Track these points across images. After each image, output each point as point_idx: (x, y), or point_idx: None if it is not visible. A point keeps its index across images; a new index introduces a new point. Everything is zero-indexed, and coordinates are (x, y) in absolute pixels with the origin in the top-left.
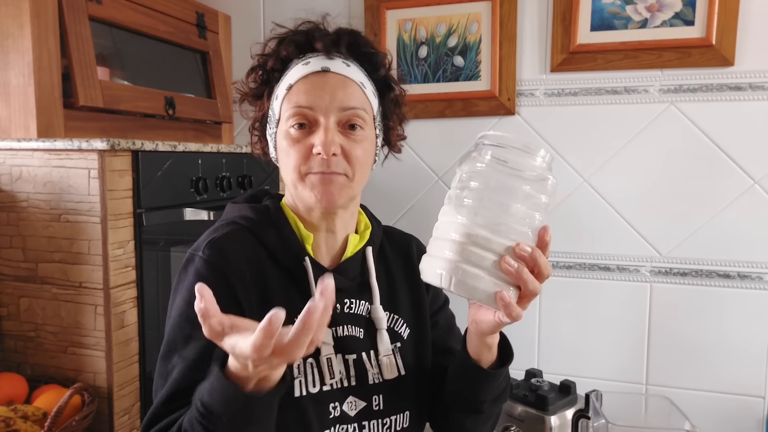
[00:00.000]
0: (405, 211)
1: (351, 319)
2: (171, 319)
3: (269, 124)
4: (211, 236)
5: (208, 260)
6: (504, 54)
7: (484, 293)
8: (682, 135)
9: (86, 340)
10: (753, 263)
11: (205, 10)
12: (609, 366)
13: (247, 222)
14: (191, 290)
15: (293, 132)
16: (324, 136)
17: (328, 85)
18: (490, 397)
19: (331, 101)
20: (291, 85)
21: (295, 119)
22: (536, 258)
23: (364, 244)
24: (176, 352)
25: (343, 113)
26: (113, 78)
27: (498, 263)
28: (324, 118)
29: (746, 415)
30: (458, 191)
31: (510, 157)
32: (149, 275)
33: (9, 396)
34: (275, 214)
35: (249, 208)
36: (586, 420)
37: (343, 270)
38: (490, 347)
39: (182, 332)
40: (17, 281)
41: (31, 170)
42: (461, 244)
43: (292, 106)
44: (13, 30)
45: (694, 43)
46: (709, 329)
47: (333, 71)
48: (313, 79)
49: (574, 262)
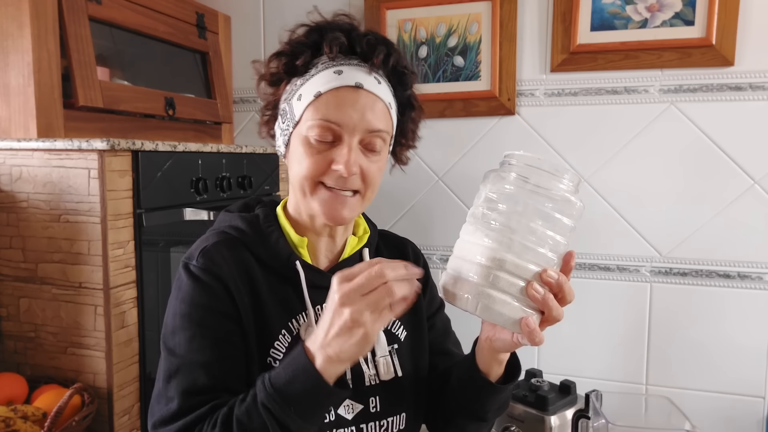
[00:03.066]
0: (405, 211)
1: None
2: (173, 320)
3: (282, 118)
4: (202, 245)
5: (203, 267)
6: (504, 54)
7: (510, 319)
8: (682, 135)
9: (86, 341)
10: (753, 263)
11: (205, 10)
12: (609, 366)
13: (236, 232)
14: (192, 293)
15: (314, 143)
16: (348, 156)
17: (359, 103)
18: (494, 408)
19: (359, 121)
20: (320, 93)
21: (320, 131)
22: (562, 284)
23: (361, 246)
24: (181, 352)
25: (367, 134)
26: (113, 78)
27: (524, 289)
28: (349, 136)
29: (746, 415)
30: (485, 211)
31: (537, 179)
32: (149, 275)
33: (9, 396)
34: (264, 222)
35: (239, 218)
36: (586, 420)
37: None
38: (501, 363)
39: (185, 332)
40: (17, 282)
41: (31, 170)
42: (488, 268)
43: (320, 118)
44: (13, 30)
45: (694, 43)
46: (709, 329)
47: (366, 89)
48: (344, 94)
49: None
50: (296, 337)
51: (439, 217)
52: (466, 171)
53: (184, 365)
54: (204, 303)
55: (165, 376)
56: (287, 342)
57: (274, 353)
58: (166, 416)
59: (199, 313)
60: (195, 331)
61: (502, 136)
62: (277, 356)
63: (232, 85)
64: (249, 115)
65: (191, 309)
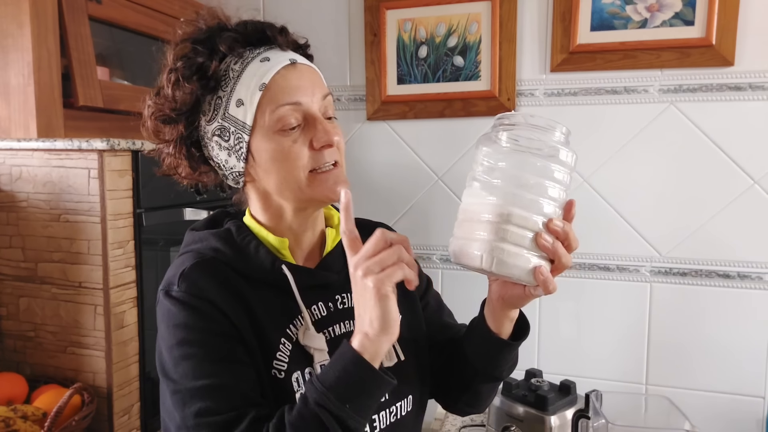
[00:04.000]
0: (405, 211)
1: (347, 315)
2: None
3: (224, 137)
4: (179, 270)
5: (188, 291)
6: (504, 54)
7: (524, 270)
8: (682, 135)
9: (86, 340)
10: (753, 263)
11: None
12: (609, 366)
13: (212, 251)
14: (185, 319)
15: (288, 133)
16: (324, 127)
17: (304, 77)
18: (508, 365)
19: (313, 92)
20: (265, 83)
21: (288, 116)
22: (567, 232)
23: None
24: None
25: (322, 103)
26: (113, 78)
27: (534, 240)
28: (313, 111)
29: (746, 415)
30: (484, 171)
31: (531, 134)
32: (149, 275)
33: (9, 396)
34: (238, 235)
35: (211, 236)
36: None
37: (328, 265)
38: (512, 320)
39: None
40: (17, 281)
41: (30, 170)
42: (497, 224)
43: (278, 106)
44: (12, 30)
45: (694, 43)
46: (709, 329)
47: (300, 62)
48: (285, 73)
49: (574, 262)
50: (296, 343)
51: (439, 217)
52: (466, 171)
53: (198, 391)
54: (200, 326)
55: (180, 407)
56: (288, 350)
57: (277, 365)
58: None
59: (198, 338)
60: (200, 355)
61: None
62: (281, 366)
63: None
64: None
65: (189, 335)
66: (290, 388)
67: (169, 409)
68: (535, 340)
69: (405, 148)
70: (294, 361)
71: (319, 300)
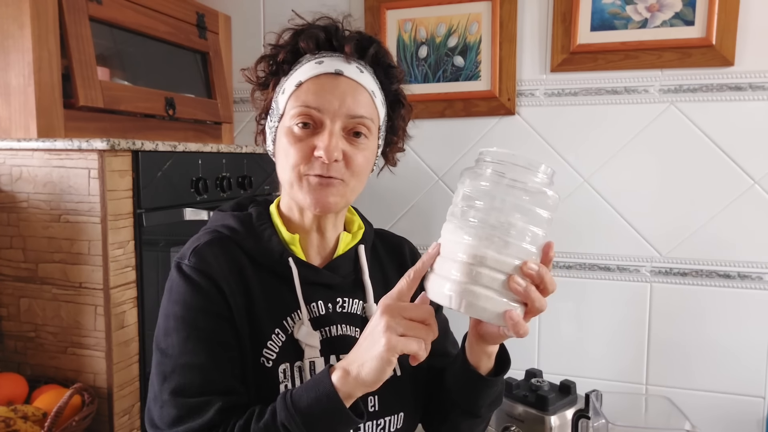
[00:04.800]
0: (405, 211)
1: (346, 319)
2: (165, 321)
3: (270, 117)
4: (194, 244)
5: (196, 267)
6: (504, 54)
7: (494, 313)
8: (682, 135)
9: (86, 341)
10: (753, 263)
11: (205, 10)
12: (609, 366)
13: (228, 230)
14: (185, 294)
15: (296, 130)
16: (328, 141)
17: (339, 89)
18: (486, 402)
19: (339, 106)
20: (301, 82)
21: (300, 118)
22: (543, 275)
23: (356, 243)
24: (174, 355)
25: (349, 120)
26: (113, 78)
27: (506, 282)
28: (330, 121)
29: (746, 415)
30: (463, 209)
31: (513, 174)
32: (149, 275)
33: (9, 396)
34: (257, 220)
35: (231, 217)
36: (586, 420)
37: (335, 267)
38: (490, 356)
39: (179, 333)
40: (17, 281)
41: (31, 170)
42: (470, 265)
43: (299, 104)
44: (13, 30)
45: (694, 43)
46: (710, 329)
47: (346, 75)
48: (324, 80)
49: (574, 262)
50: (290, 336)
51: (439, 217)
52: None
53: (179, 367)
54: (197, 304)
55: (160, 379)
56: (281, 341)
57: (267, 353)
58: (166, 420)
59: (192, 315)
60: (189, 333)
61: (502, 136)
62: (270, 356)
63: (232, 85)
64: (249, 115)
65: (184, 311)
66: (275, 379)
67: (151, 377)
68: (535, 340)
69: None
70: (284, 352)
71: (320, 299)
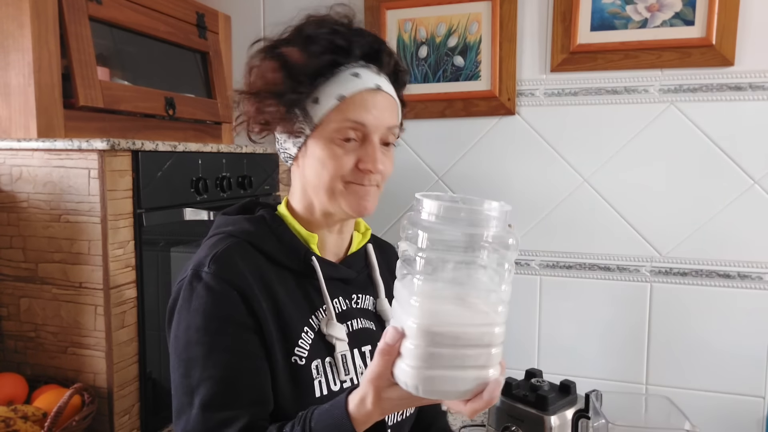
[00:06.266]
0: (405, 211)
1: (362, 314)
2: (186, 333)
3: (290, 122)
4: (212, 251)
5: (217, 274)
6: (504, 54)
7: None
8: (682, 135)
9: (86, 341)
10: (753, 263)
11: (205, 10)
12: (609, 366)
13: (245, 234)
14: (206, 304)
15: (342, 144)
16: (375, 155)
17: (380, 104)
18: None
19: (381, 121)
20: (344, 96)
21: (349, 133)
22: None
23: (365, 242)
24: (199, 367)
25: (385, 131)
26: (113, 78)
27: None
28: (372, 135)
29: (746, 415)
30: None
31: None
32: (149, 275)
33: (9, 396)
34: (272, 222)
35: (245, 220)
36: (586, 420)
37: (350, 263)
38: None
39: (203, 347)
40: (17, 281)
41: (31, 170)
42: (421, 347)
43: (347, 119)
44: (13, 30)
45: (694, 43)
46: (709, 329)
47: (383, 90)
48: (366, 96)
49: (574, 262)
50: (318, 332)
51: None
52: (466, 171)
53: (205, 380)
54: (220, 314)
55: (187, 392)
56: (310, 339)
57: (298, 351)
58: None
59: (215, 325)
60: (213, 344)
61: (502, 136)
62: (302, 354)
63: (233, 85)
64: None
65: (206, 321)
66: (309, 376)
67: (175, 389)
68: (535, 340)
69: (405, 148)
70: (315, 349)
71: (340, 294)
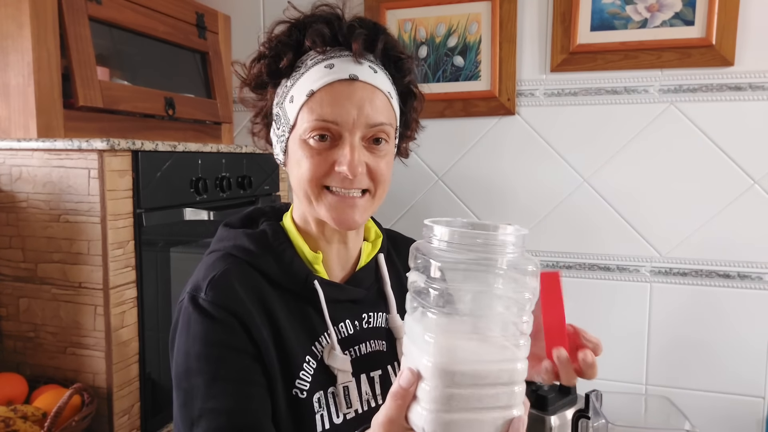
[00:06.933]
0: (405, 211)
1: (373, 334)
2: (186, 360)
3: (277, 124)
4: (209, 274)
5: (214, 302)
6: (504, 54)
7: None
8: (682, 135)
9: (86, 341)
10: (753, 263)
11: (205, 10)
12: (609, 366)
13: (243, 253)
14: (205, 331)
15: (313, 144)
16: (350, 156)
17: (356, 97)
18: None
19: (358, 116)
20: (313, 91)
21: (317, 132)
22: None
23: (376, 252)
24: (200, 397)
25: (369, 129)
26: (113, 78)
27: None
28: (349, 134)
29: (746, 415)
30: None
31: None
32: (149, 275)
33: (9, 396)
34: (274, 239)
35: (245, 236)
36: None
37: (358, 280)
38: None
39: (203, 375)
40: (17, 281)
41: (30, 170)
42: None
43: (315, 118)
44: (12, 30)
45: (694, 43)
46: (709, 329)
47: (361, 80)
48: (338, 88)
49: (574, 262)
50: (320, 361)
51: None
52: (466, 171)
53: (207, 412)
54: (220, 341)
55: (187, 423)
56: (312, 369)
57: (300, 384)
58: None
59: (215, 353)
60: (213, 373)
61: (502, 136)
62: (303, 386)
63: (232, 85)
64: (249, 115)
65: (206, 349)
66: (311, 409)
67: (175, 417)
68: None
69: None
70: (317, 380)
71: (347, 317)
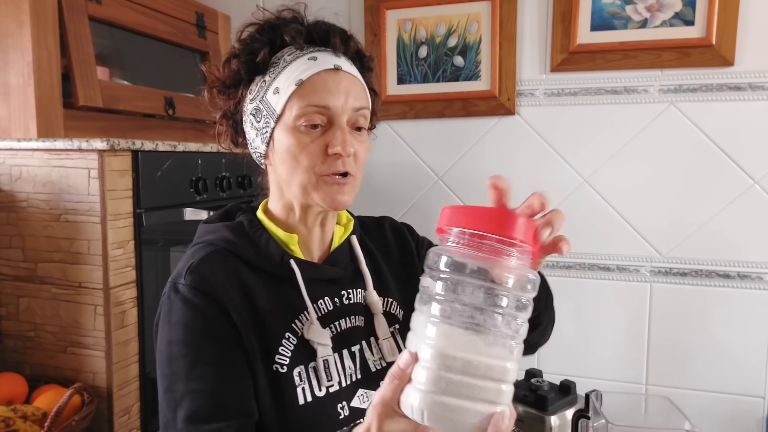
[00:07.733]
0: (405, 211)
1: (352, 310)
2: (167, 347)
3: (256, 118)
4: (189, 262)
5: (193, 286)
6: (504, 54)
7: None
8: (681, 135)
9: (86, 340)
10: (753, 263)
11: (205, 10)
12: (609, 366)
13: (223, 242)
14: (185, 317)
15: (305, 131)
16: (343, 137)
17: (342, 84)
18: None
19: (345, 101)
20: (302, 80)
21: (310, 117)
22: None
23: (348, 234)
24: (182, 380)
25: (353, 114)
26: (113, 78)
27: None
28: (338, 118)
29: (746, 415)
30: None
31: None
32: (149, 275)
33: (9, 396)
34: (250, 227)
35: (224, 228)
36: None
37: (334, 260)
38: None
39: (185, 359)
40: (17, 281)
41: (30, 170)
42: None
43: (306, 105)
44: (12, 30)
45: (694, 43)
46: (709, 329)
47: (344, 70)
48: (326, 77)
49: (574, 262)
50: (301, 337)
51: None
52: (466, 171)
53: (189, 394)
54: (199, 326)
55: (171, 406)
56: (292, 345)
57: (279, 359)
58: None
59: (196, 338)
60: (194, 357)
61: (502, 136)
62: (283, 361)
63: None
64: None
65: (187, 334)
66: (291, 383)
67: (160, 403)
68: None
69: (405, 148)
70: (297, 355)
71: (326, 295)
